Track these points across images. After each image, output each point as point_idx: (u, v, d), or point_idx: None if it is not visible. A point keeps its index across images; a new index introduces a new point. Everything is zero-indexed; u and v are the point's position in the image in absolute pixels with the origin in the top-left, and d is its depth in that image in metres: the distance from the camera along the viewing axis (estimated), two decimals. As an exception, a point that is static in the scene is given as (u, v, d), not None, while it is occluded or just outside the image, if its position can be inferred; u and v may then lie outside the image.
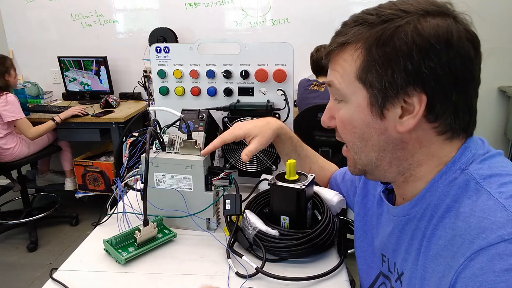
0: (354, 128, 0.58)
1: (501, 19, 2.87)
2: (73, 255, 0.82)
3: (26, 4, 3.21)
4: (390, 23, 0.52)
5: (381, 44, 0.52)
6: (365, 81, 0.54)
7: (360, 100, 0.55)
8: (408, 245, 0.59)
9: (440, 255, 0.51)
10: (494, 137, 3.09)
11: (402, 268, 0.61)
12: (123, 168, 0.94)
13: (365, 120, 0.56)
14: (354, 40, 0.54)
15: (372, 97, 0.54)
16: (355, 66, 0.55)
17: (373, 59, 0.53)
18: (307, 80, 2.42)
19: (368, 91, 0.54)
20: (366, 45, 0.53)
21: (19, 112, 2.54)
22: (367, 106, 0.55)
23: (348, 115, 0.58)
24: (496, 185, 0.50)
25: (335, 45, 0.56)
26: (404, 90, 0.52)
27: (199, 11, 3.08)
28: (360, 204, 0.79)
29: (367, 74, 0.54)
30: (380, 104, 0.54)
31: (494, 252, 0.44)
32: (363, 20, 0.54)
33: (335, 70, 0.58)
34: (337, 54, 0.57)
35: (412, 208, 0.59)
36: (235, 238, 0.82)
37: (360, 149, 0.59)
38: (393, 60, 0.51)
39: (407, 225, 0.60)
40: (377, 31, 0.52)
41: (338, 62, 0.57)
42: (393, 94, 0.52)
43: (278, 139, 0.92)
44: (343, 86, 0.57)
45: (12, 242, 2.75)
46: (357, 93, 0.55)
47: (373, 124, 0.56)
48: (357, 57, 0.54)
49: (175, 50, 1.09)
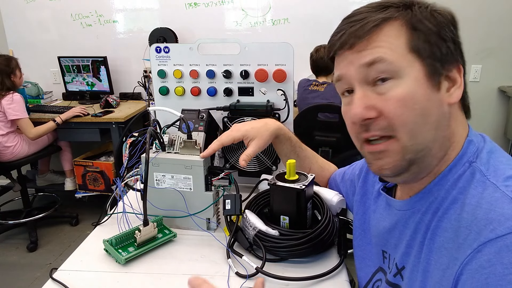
0: (415, 104, 0.53)
1: (501, 19, 2.87)
2: (73, 255, 0.82)
3: (26, 4, 3.21)
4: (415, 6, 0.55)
5: (427, 17, 0.54)
6: (419, 52, 0.53)
7: (416, 73, 0.53)
8: (410, 238, 0.59)
9: (445, 247, 0.51)
10: (494, 137, 3.08)
11: (402, 262, 0.60)
12: (123, 168, 0.94)
13: (425, 93, 0.53)
14: (397, 15, 0.54)
15: (429, 68, 0.53)
16: (403, 40, 0.53)
17: (423, 32, 0.53)
18: (306, 80, 2.42)
19: (423, 62, 0.53)
20: (410, 20, 0.54)
21: (23, 112, 2.57)
22: (425, 78, 0.53)
23: (408, 90, 0.53)
24: (502, 179, 0.50)
25: (377, 21, 0.54)
26: (456, 60, 0.55)
27: (199, 11, 3.08)
28: (359, 203, 0.79)
29: (419, 46, 0.53)
30: (437, 75, 0.54)
31: (502, 243, 0.43)
32: (391, 3, 0.56)
33: (380, 46, 0.54)
34: (378, 32, 0.54)
35: (418, 201, 0.58)
36: (235, 238, 0.82)
37: (419, 129, 0.54)
38: (440, 32, 0.54)
39: (410, 218, 0.60)
40: (415, 9, 0.54)
41: (379, 39, 0.54)
42: (446, 65, 0.54)
43: (276, 140, 0.91)
44: (395, 60, 0.53)
45: (12, 242, 2.75)
46: (412, 66, 0.53)
47: (432, 96, 0.53)
48: (403, 33, 0.54)
49: (175, 50, 1.09)
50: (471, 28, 2.86)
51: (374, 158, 0.58)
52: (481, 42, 2.91)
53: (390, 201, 0.66)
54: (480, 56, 2.96)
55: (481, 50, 2.95)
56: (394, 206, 0.65)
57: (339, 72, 0.59)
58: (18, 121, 2.57)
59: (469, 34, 2.88)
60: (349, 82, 0.57)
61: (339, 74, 0.59)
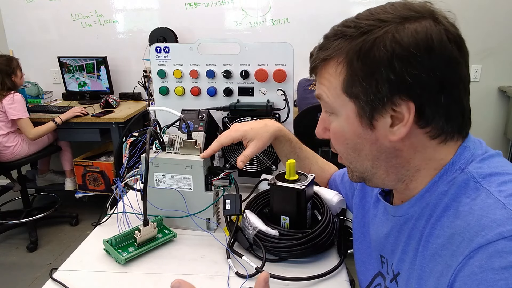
0: (346, 140, 0.58)
1: (501, 20, 2.87)
2: (73, 255, 0.82)
3: (26, 4, 3.21)
4: (368, 35, 0.51)
5: (362, 57, 0.52)
6: (351, 94, 0.54)
7: (348, 112, 0.56)
8: (405, 244, 0.59)
9: (439, 254, 0.51)
10: (494, 137, 3.09)
11: (398, 268, 0.60)
12: (123, 168, 0.94)
13: (355, 131, 0.56)
14: (335, 54, 0.54)
15: (360, 109, 0.54)
16: (340, 80, 0.55)
17: (356, 73, 0.53)
18: (306, 80, 2.42)
19: (355, 103, 0.54)
20: (347, 59, 0.53)
21: (23, 112, 2.58)
22: (356, 117, 0.55)
23: (339, 127, 0.58)
24: (495, 184, 0.50)
25: (318, 61, 0.57)
26: (391, 100, 0.51)
27: (199, 11, 3.08)
28: (358, 206, 0.79)
29: (352, 87, 0.54)
30: (368, 115, 0.54)
31: (493, 249, 0.44)
32: (342, 34, 0.54)
33: (322, 84, 0.58)
34: (322, 68, 0.57)
35: (411, 208, 0.59)
36: (235, 238, 0.82)
37: (354, 159, 0.60)
38: (375, 72, 0.51)
39: (405, 224, 0.60)
40: (357, 44, 0.52)
41: (323, 76, 0.57)
42: (380, 105, 0.52)
43: (276, 141, 0.91)
44: (331, 99, 0.57)
45: (12, 242, 2.75)
46: (345, 106, 0.55)
47: (364, 135, 0.56)
48: (341, 71, 0.54)
49: (175, 50, 1.09)
50: (471, 28, 2.86)
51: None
52: (481, 42, 2.91)
53: (386, 206, 0.67)
54: (480, 56, 2.96)
55: (481, 50, 2.94)
56: (390, 211, 0.65)
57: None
58: (18, 121, 2.57)
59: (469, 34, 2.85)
60: None
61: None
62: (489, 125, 3.08)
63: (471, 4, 2.83)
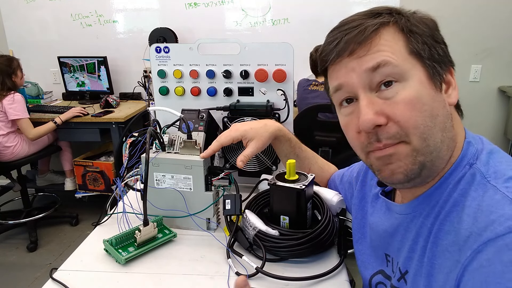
0: (424, 106, 0.52)
1: (501, 20, 2.87)
2: (73, 255, 0.82)
3: (26, 4, 3.21)
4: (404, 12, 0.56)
5: (420, 22, 0.55)
6: (420, 55, 0.54)
7: (420, 74, 0.53)
8: (412, 243, 0.59)
9: (448, 250, 0.51)
10: (494, 137, 3.08)
11: (405, 267, 0.60)
12: (123, 168, 0.94)
13: (430, 94, 0.53)
14: (392, 21, 0.55)
15: (430, 70, 0.54)
16: (402, 44, 0.54)
17: (420, 35, 0.54)
18: (306, 80, 2.42)
19: (424, 64, 0.54)
20: (406, 25, 0.54)
21: (23, 112, 2.58)
22: (428, 79, 0.54)
23: (415, 93, 0.52)
24: (502, 180, 0.50)
25: (377, 25, 0.54)
26: (449, 62, 0.57)
27: (199, 11, 3.08)
28: (358, 207, 0.78)
29: (419, 48, 0.54)
30: (438, 76, 0.55)
31: (502, 243, 0.44)
32: (381, 11, 0.56)
33: (382, 50, 0.53)
34: (377, 36, 0.54)
35: (419, 205, 0.58)
36: (235, 238, 0.82)
37: (430, 130, 0.53)
38: (435, 35, 0.55)
39: (412, 222, 0.59)
40: (406, 16, 0.56)
41: (380, 43, 0.53)
42: (443, 66, 0.56)
43: (276, 141, 0.91)
44: (400, 62, 0.53)
45: (12, 242, 2.75)
46: (415, 68, 0.53)
47: (437, 97, 0.54)
48: (400, 37, 0.54)
49: (175, 50, 1.09)
50: (471, 28, 2.86)
51: (384, 163, 0.56)
52: (481, 42, 2.91)
53: (390, 205, 0.66)
54: (480, 56, 2.96)
55: (481, 50, 2.95)
56: (395, 210, 0.64)
57: (339, 81, 0.57)
58: (18, 121, 2.57)
59: (469, 34, 2.89)
60: (351, 90, 0.56)
61: (339, 83, 0.57)
62: (489, 125, 3.08)
63: (471, 4, 2.83)
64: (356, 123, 0.56)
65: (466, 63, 2.98)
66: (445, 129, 0.54)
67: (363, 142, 0.56)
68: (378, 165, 0.57)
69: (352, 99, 0.57)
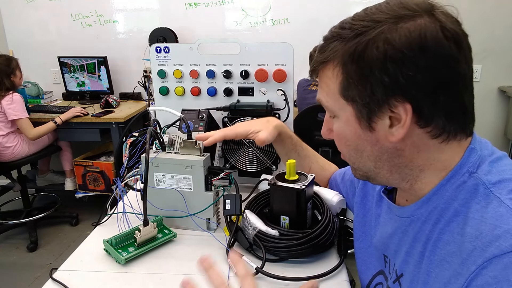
0: (347, 141, 0.59)
1: (501, 20, 2.87)
2: (73, 255, 0.82)
3: (26, 4, 3.20)
4: (362, 36, 0.50)
5: (356, 59, 0.51)
6: (347, 98, 0.54)
7: (348, 115, 0.56)
8: (409, 247, 0.59)
9: (447, 260, 0.50)
10: (494, 137, 3.08)
11: (401, 270, 0.60)
12: (123, 168, 0.94)
13: (356, 133, 0.56)
14: (331, 57, 0.54)
15: (357, 112, 0.54)
16: (337, 83, 0.54)
17: (350, 76, 0.52)
18: (306, 80, 2.42)
19: (353, 106, 0.54)
20: (342, 62, 0.53)
21: (23, 112, 2.57)
22: (355, 120, 0.55)
23: (340, 130, 0.59)
24: (506, 191, 0.49)
25: (316, 64, 0.57)
26: (387, 102, 0.51)
27: (199, 11, 3.08)
28: (360, 205, 0.78)
29: (348, 90, 0.54)
30: (366, 117, 0.54)
31: (508, 260, 0.43)
32: (338, 36, 0.53)
33: (322, 88, 0.59)
34: (320, 71, 0.57)
35: (417, 210, 0.58)
36: (235, 238, 0.82)
37: (356, 160, 0.60)
38: (369, 74, 0.50)
39: (410, 226, 0.59)
40: (350, 47, 0.51)
41: (322, 80, 0.58)
42: (376, 108, 0.52)
43: (278, 138, 0.92)
44: (330, 103, 0.58)
45: (12, 242, 2.75)
46: (344, 109, 0.56)
47: (364, 136, 0.56)
48: (337, 74, 0.54)
49: (175, 50, 1.09)
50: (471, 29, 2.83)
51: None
52: (481, 42, 2.91)
53: (390, 206, 0.66)
54: (480, 56, 2.96)
55: (481, 50, 2.94)
56: (394, 211, 0.64)
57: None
58: (18, 121, 2.57)
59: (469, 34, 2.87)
60: None
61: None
62: (489, 125, 3.08)
63: (471, 4, 2.83)
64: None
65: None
66: (380, 160, 0.57)
67: None
68: None
69: None
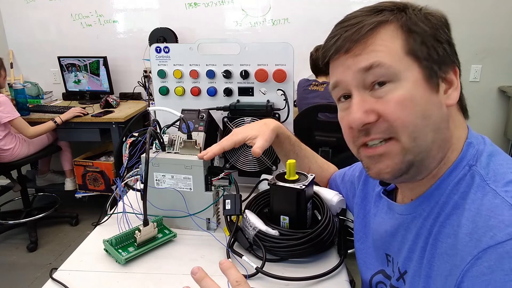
0: (416, 106, 0.52)
1: (501, 20, 2.87)
2: (73, 255, 0.82)
3: (26, 4, 3.21)
4: (409, 9, 0.55)
5: (423, 20, 0.54)
6: (416, 56, 0.53)
7: (415, 75, 0.53)
8: (412, 243, 0.59)
9: (447, 253, 0.51)
10: (494, 137, 3.09)
11: (404, 267, 0.60)
12: (123, 168, 0.94)
13: (424, 95, 0.53)
14: (392, 19, 0.54)
15: (427, 71, 0.53)
16: (399, 43, 0.53)
17: (419, 34, 0.54)
18: (306, 80, 2.42)
19: (420, 66, 0.53)
20: (406, 23, 0.54)
21: (13, 112, 2.50)
22: (423, 80, 0.53)
23: (407, 93, 0.52)
24: (502, 184, 0.50)
25: (372, 25, 0.54)
26: (452, 62, 0.55)
27: (199, 11, 3.08)
28: (360, 206, 0.78)
29: (415, 49, 0.53)
30: (435, 77, 0.54)
31: (502, 250, 0.43)
32: (384, 8, 0.56)
33: (377, 50, 0.53)
34: (373, 35, 0.54)
35: (419, 206, 0.58)
36: (235, 238, 0.82)
37: (420, 130, 0.53)
38: (436, 33, 0.54)
39: (412, 223, 0.59)
40: (409, 13, 0.55)
41: (376, 43, 0.54)
42: (443, 67, 0.54)
43: (276, 140, 0.91)
44: (394, 63, 0.53)
45: (12, 242, 2.75)
46: (410, 69, 0.53)
47: (432, 98, 0.53)
48: (397, 36, 0.54)
49: (175, 50, 1.09)
50: (472, 28, 2.86)
51: (373, 162, 0.57)
52: (481, 42, 2.91)
53: (391, 205, 0.66)
54: (480, 56, 2.96)
55: (481, 50, 2.94)
56: (396, 210, 0.64)
57: (336, 78, 0.58)
58: (12, 122, 2.50)
59: (469, 34, 2.88)
60: (346, 87, 0.57)
61: (336, 80, 0.58)
62: (489, 125, 3.08)
63: (471, 4, 2.83)
64: (348, 119, 0.57)
65: (466, 63, 2.98)
66: (438, 130, 0.54)
67: (353, 136, 0.58)
68: (367, 162, 0.58)
69: (349, 95, 0.58)
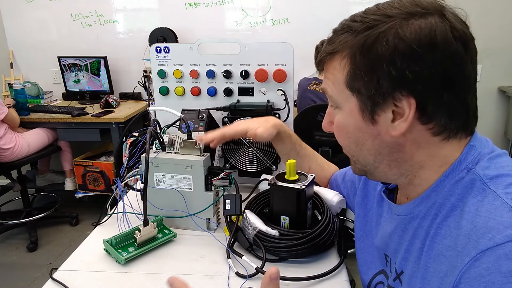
0: (348, 134, 0.59)
1: (501, 20, 2.87)
2: (73, 255, 0.82)
3: (26, 4, 3.20)
4: (373, 29, 0.52)
5: (364, 51, 0.52)
6: (353, 89, 0.55)
7: (351, 106, 0.56)
8: (409, 244, 0.59)
9: (444, 254, 0.51)
10: (494, 137, 3.08)
11: (401, 267, 0.60)
12: (123, 168, 0.94)
13: (357, 125, 0.57)
14: (340, 48, 0.55)
15: (361, 104, 0.55)
16: (344, 74, 0.55)
17: (358, 67, 0.53)
18: (306, 79, 2.42)
19: (357, 98, 0.55)
20: (351, 53, 0.54)
21: (2, 106, 2.50)
22: (359, 112, 0.56)
23: (342, 121, 0.59)
24: (502, 186, 0.49)
25: (324, 54, 0.58)
26: (392, 96, 0.52)
27: (199, 11, 3.08)
28: (360, 205, 0.78)
29: (354, 81, 0.54)
30: (370, 110, 0.54)
31: (500, 252, 0.43)
32: (349, 28, 0.55)
33: (327, 78, 0.59)
34: (328, 62, 0.58)
35: (416, 207, 0.58)
36: (235, 238, 0.82)
37: (356, 153, 0.61)
38: (377, 67, 0.51)
39: (409, 223, 0.60)
40: (361, 39, 0.52)
41: (329, 70, 0.58)
42: (381, 100, 0.53)
43: (277, 137, 0.92)
44: (335, 93, 0.58)
45: (12, 242, 2.75)
46: (348, 100, 0.56)
47: (366, 129, 0.56)
48: (345, 66, 0.55)
49: (175, 50, 1.09)
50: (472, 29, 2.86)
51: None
52: (481, 42, 2.88)
53: (390, 205, 0.66)
54: (480, 56, 2.91)
55: (481, 50, 2.91)
56: (394, 210, 0.65)
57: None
58: (6, 117, 2.50)
59: (469, 34, 2.88)
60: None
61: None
62: (489, 125, 3.08)
63: (471, 4, 2.83)
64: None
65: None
66: (380, 154, 0.58)
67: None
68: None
69: None
